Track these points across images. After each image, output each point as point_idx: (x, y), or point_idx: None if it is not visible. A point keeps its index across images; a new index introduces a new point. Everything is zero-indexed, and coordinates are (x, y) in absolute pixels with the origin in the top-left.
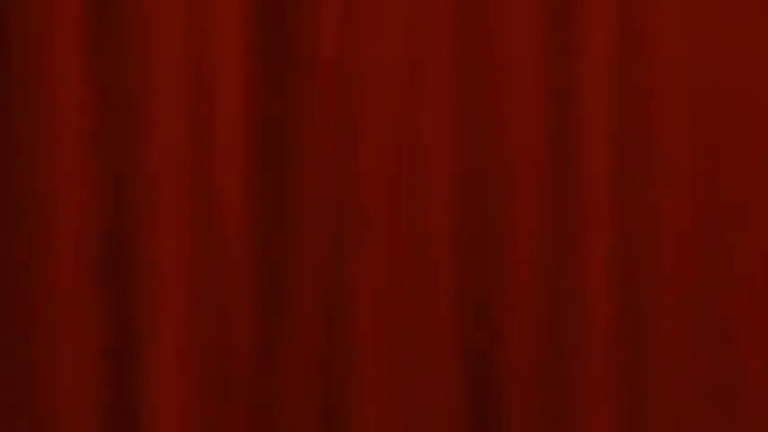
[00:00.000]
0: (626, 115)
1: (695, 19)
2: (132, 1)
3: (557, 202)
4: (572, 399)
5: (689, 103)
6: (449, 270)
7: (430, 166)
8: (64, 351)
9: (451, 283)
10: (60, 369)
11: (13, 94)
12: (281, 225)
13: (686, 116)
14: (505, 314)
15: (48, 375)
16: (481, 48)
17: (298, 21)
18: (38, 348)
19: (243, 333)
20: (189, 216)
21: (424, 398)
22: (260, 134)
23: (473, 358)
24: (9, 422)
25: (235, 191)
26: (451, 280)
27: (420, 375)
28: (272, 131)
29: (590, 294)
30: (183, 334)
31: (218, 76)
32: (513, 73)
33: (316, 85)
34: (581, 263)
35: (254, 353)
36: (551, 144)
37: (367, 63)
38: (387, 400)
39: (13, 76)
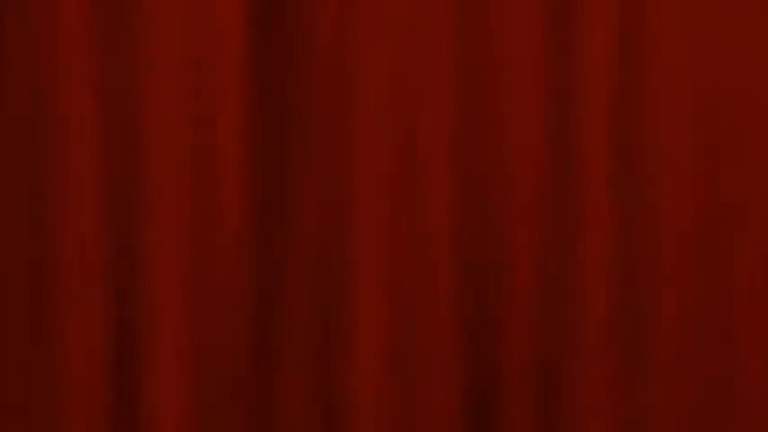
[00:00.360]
0: (626, 115)
1: (695, 19)
2: (132, 1)
3: (557, 202)
4: (572, 399)
5: (689, 103)
6: (449, 270)
7: (430, 165)
8: (64, 351)
9: (451, 284)
10: (61, 369)
11: (14, 95)
12: (280, 225)
13: (686, 116)
14: (505, 314)
15: (48, 375)
16: (481, 48)
17: (297, 20)
18: (38, 348)
19: (242, 333)
20: (189, 216)
21: (423, 398)
22: (260, 134)
23: (473, 358)
24: (9, 421)
25: (234, 191)
26: (451, 280)
27: (419, 375)
28: (272, 131)
29: (590, 294)
30: (182, 334)
31: (219, 75)
32: (513, 73)
33: (315, 84)
34: (581, 263)
35: (253, 353)
36: (551, 144)
37: (367, 63)
38: (386, 399)
39: (13, 76)
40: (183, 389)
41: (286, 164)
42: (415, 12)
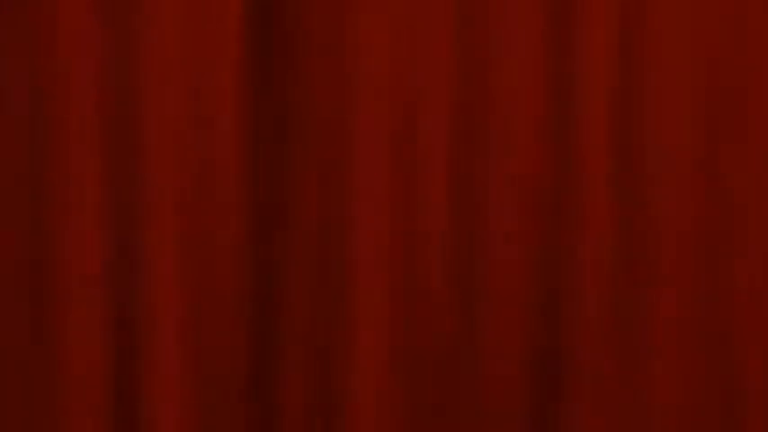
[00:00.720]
0: (626, 116)
1: (695, 19)
2: (133, 1)
3: (557, 202)
4: (571, 399)
5: (689, 104)
6: (448, 270)
7: (430, 165)
8: (64, 351)
9: (451, 284)
10: (61, 369)
11: (14, 95)
12: (280, 225)
13: (686, 116)
14: (505, 314)
15: (48, 375)
16: (481, 48)
17: (297, 20)
18: (38, 348)
19: (242, 333)
20: (189, 216)
21: (424, 398)
22: (260, 134)
23: (472, 358)
24: (9, 420)
25: (234, 191)
26: (451, 280)
27: (420, 375)
28: (272, 131)
29: (590, 294)
30: (182, 334)
31: (218, 75)
32: (513, 73)
33: (315, 84)
34: (581, 263)
35: (253, 353)
36: (551, 144)
37: (367, 63)
38: (387, 399)
39: (13, 76)
40: (183, 389)
41: (286, 164)
42: (415, 12)
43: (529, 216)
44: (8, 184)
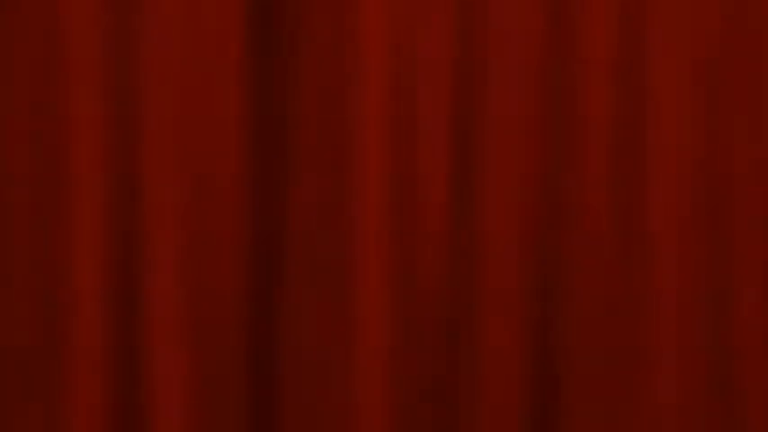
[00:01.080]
0: (626, 116)
1: (696, 18)
2: (133, 1)
3: (557, 203)
4: (571, 399)
5: (689, 104)
6: (445, 270)
7: (429, 165)
8: (65, 351)
9: (453, 282)
10: (61, 369)
11: (14, 95)
12: (280, 225)
13: (686, 117)
14: (504, 313)
15: (48, 375)
16: (481, 48)
17: (297, 20)
18: (40, 347)
19: (243, 333)
20: (189, 216)
21: (423, 397)
22: (260, 133)
23: (471, 357)
24: (10, 420)
25: (234, 191)
26: (449, 279)
27: (419, 375)
28: (272, 131)
29: (589, 293)
30: (183, 334)
31: (218, 75)
32: (513, 73)
33: (315, 84)
34: (580, 262)
35: (254, 353)
36: (551, 145)
37: (366, 62)
38: (386, 399)
39: (14, 76)
40: (184, 388)
41: (286, 164)
42: (414, 12)
43: (529, 216)
44: (8, 183)
